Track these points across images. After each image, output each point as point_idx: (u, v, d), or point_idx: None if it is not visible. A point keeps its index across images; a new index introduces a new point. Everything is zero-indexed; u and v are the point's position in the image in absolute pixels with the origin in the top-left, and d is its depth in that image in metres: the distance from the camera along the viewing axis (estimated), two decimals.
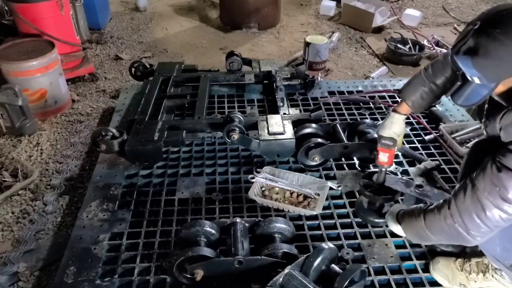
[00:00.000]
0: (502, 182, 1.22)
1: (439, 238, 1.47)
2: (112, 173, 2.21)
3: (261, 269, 1.58)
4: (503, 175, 1.22)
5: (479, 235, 1.33)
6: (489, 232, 1.31)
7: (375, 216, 1.90)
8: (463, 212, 1.32)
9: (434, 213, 1.44)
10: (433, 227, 1.44)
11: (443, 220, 1.38)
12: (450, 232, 1.38)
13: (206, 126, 2.38)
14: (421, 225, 1.49)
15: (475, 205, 1.28)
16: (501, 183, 1.22)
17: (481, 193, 1.27)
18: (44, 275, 1.83)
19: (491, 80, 1.22)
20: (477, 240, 1.35)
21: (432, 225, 1.45)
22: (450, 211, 1.36)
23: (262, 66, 2.98)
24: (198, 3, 5.11)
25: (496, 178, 1.23)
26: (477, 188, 1.28)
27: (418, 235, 1.55)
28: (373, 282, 1.66)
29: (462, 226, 1.33)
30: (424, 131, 2.57)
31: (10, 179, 2.29)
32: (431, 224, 1.45)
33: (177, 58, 3.85)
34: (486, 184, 1.26)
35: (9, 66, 2.68)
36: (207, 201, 2.04)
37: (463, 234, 1.34)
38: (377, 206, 1.89)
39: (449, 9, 5.03)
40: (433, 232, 1.45)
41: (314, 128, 2.27)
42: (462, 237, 1.35)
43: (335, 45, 4.04)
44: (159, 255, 1.75)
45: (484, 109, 1.46)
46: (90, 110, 3.00)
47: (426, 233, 1.47)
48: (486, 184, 1.26)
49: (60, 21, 3.08)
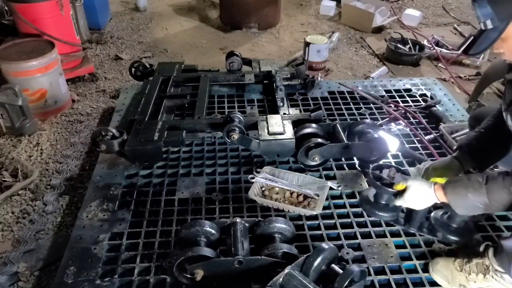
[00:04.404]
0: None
1: (498, 205, 1.46)
2: (112, 173, 2.21)
3: (261, 269, 1.58)
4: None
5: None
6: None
7: (381, 210, 1.91)
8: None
9: (497, 180, 1.45)
10: (495, 193, 1.45)
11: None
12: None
13: (206, 126, 2.38)
14: (481, 192, 1.47)
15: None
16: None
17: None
18: (44, 275, 1.83)
19: (502, 17, 1.33)
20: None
21: (494, 191, 1.45)
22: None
23: (262, 66, 2.98)
24: (198, 3, 5.11)
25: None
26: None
27: (468, 200, 1.51)
28: (373, 282, 1.66)
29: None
30: (424, 131, 2.57)
31: (10, 179, 2.29)
32: (493, 190, 1.45)
33: (177, 58, 3.85)
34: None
35: (9, 66, 2.68)
36: (207, 201, 2.04)
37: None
38: (384, 200, 1.89)
39: (449, 9, 5.03)
40: (494, 198, 1.45)
41: (314, 128, 2.27)
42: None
43: (335, 45, 4.04)
44: (159, 255, 1.75)
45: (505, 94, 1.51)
46: (90, 110, 3.00)
47: (484, 199, 1.47)
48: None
49: (60, 21, 3.08)
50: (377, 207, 1.93)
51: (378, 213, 1.92)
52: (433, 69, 3.73)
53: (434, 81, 3.17)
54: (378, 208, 1.92)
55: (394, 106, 2.80)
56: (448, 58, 3.76)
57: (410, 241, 1.84)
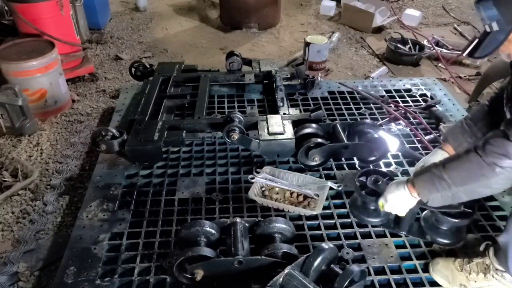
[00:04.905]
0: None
1: (458, 179, 1.41)
2: (112, 173, 2.21)
3: (261, 269, 1.58)
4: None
5: (498, 168, 1.31)
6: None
7: (368, 215, 1.89)
8: (486, 144, 1.34)
9: (453, 158, 1.45)
10: (454, 167, 1.42)
11: (465, 155, 1.39)
12: (471, 165, 1.36)
13: (206, 126, 2.38)
14: (439, 174, 1.43)
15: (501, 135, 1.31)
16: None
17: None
18: (44, 275, 1.83)
19: (509, 19, 1.29)
20: (496, 173, 1.32)
21: (453, 166, 1.42)
22: (475, 148, 1.37)
23: (262, 66, 2.98)
24: (198, 3, 5.11)
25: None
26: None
27: (434, 186, 1.46)
28: (373, 282, 1.66)
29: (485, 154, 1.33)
30: (424, 131, 2.57)
31: (10, 179, 2.29)
32: (451, 166, 1.42)
33: (177, 58, 3.85)
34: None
35: (9, 66, 2.68)
36: (207, 201, 2.04)
37: (483, 163, 1.33)
38: (372, 206, 1.87)
39: (449, 9, 5.03)
40: (453, 175, 1.41)
41: (314, 128, 2.27)
42: (481, 168, 1.33)
43: (335, 45, 4.04)
44: (159, 255, 1.75)
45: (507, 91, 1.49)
46: (90, 110, 3.00)
47: (445, 179, 1.42)
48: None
49: (60, 21, 3.08)
50: (366, 213, 1.90)
51: (366, 219, 1.90)
52: (433, 69, 3.73)
53: (434, 81, 3.17)
54: (367, 213, 1.90)
55: (394, 106, 2.80)
56: (448, 58, 3.76)
57: (410, 241, 1.84)
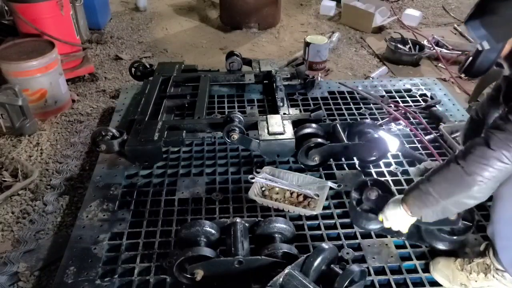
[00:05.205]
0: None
1: (443, 192, 1.40)
2: (112, 173, 2.21)
3: (261, 269, 1.58)
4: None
5: (480, 177, 1.30)
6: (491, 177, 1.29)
7: (369, 222, 1.82)
8: (467, 153, 1.32)
9: (436, 170, 1.43)
10: (437, 180, 1.41)
11: (446, 167, 1.38)
12: (453, 176, 1.35)
13: (206, 126, 2.38)
14: (425, 189, 1.43)
15: (481, 143, 1.30)
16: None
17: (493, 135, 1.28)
18: (44, 275, 1.83)
19: (498, 39, 1.30)
20: (478, 182, 1.31)
21: (436, 180, 1.41)
22: (455, 157, 1.36)
23: (262, 66, 2.98)
24: (198, 3, 5.11)
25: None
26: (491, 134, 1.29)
27: (423, 202, 1.46)
28: (373, 282, 1.66)
29: (465, 163, 1.32)
30: (424, 131, 2.57)
31: (10, 179, 2.29)
32: (435, 179, 1.41)
33: (177, 58, 3.85)
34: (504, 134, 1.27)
35: (9, 66, 2.67)
36: (207, 201, 2.04)
37: (463, 173, 1.32)
38: (368, 221, 1.81)
39: (449, 9, 5.03)
40: (438, 189, 1.40)
41: (314, 128, 2.27)
42: (462, 178, 1.33)
43: (335, 45, 4.04)
44: (159, 255, 1.75)
45: (502, 92, 1.50)
46: (90, 110, 3.00)
47: (432, 194, 1.41)
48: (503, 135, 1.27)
49: (60, 21, 3.08)
50: (362, 217, 1.83)
51: (366, 227, 1.84)
52: (433, 69, 3.72)
53: (434, 81, 3.17)
54: (364, 218, 1.83)
55: (394, 106, 2.80)
56: (448, 58, 3.76)
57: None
